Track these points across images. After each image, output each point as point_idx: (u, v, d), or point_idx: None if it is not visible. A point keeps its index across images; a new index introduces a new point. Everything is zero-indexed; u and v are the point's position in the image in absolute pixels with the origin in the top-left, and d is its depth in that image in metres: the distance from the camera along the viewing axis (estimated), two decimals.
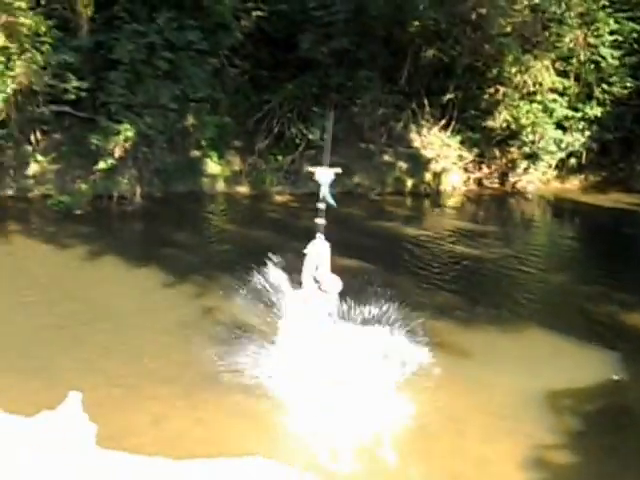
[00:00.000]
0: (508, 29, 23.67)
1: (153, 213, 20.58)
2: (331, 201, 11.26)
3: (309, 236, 18.34)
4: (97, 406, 8.43)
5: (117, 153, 20.13)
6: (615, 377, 11.39)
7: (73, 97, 20.51)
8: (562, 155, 24.06)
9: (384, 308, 12.70)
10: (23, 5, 19.43)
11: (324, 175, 11.20)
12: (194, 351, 11.65)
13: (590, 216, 22.30)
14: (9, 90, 19.50)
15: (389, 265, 16.48)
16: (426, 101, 24.12)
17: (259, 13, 22.37)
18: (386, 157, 23.68)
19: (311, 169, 11.60)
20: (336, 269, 14.19)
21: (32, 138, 21.60)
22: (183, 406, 10.28)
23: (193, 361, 11.40)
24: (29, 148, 21.52)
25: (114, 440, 8.24)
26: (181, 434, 9.60)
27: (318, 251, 11.40)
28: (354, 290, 13.93)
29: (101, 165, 20.04)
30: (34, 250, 17.19)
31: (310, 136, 22.60)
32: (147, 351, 11.88)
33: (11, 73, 19.51)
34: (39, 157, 21.44)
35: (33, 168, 21.44)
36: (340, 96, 23.24)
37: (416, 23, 23.46)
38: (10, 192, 21.14)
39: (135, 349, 11.98)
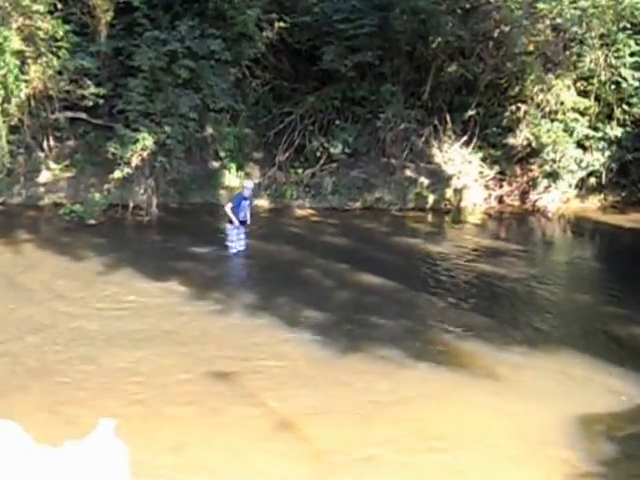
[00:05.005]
0: (530, 48, 21.87)
1: (170, 224, 18.78)
2: None
3: (330, 251, 17.01)
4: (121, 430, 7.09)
5: (134, 162, 18.09)
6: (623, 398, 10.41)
7: (90, 103, 18.60)
8: (582, 174, 22.00)
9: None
10: (41, 8, 17.65)
11: None
12: (214, 371, 10.69)
13: (610, 236, 20.52)
14: (23, 95, 17.61)
15: (412, 282, 15.05)
16: (448, 117, 22.14)
17: (282, 24, 20.16)
18: (408, 172, 21.58)
19: None
20: (356, 284, 14.68)
21: (45, 145, 19.74)
22: (204, 429, 9.14)
23: (213, 380, 10.42)
24: (41, 155, 19.74)
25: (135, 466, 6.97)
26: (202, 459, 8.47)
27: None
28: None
29: (117, 174, 18.04)
30: (44, 261, 15.62)
31: (331, 149, 20.74)
32: (164, 370, 10.73)
33: (25, 77, 17.62)
34: (51, 164, 19.65)
35: (45, 176, 19.67)
36: (363, 110, 21.48)
37: (439, 39, 21.52)
38: (20, 200, 19.45)
39: (152, 368, 10.80)
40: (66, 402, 9.47)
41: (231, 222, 16.01)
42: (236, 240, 16.01)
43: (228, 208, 16.10)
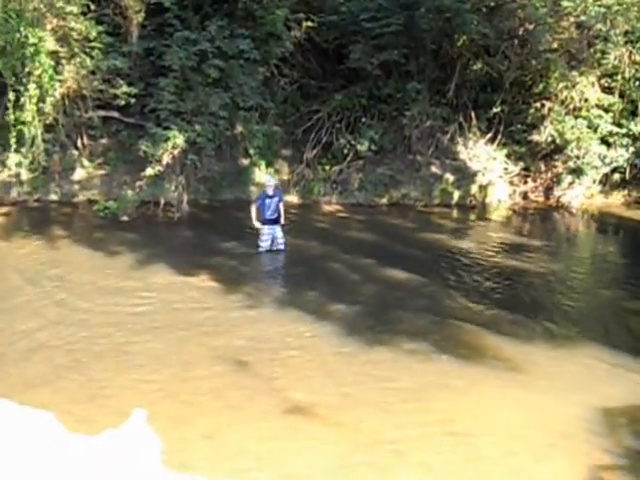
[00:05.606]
0: (555, 45, 21.75)
1: (200, 221, 18.73)
2: None
3: (357, 246, 16.97)
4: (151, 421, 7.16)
5: (165, 160, 18.00)
6: None
7: (122, 102, 18.65)
8: (606, 170, 21.73)
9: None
10: (75, 10, 17.70)
11: None
12: (241, 363, 10.66)
13: (634, 231, 20.26)
14: (57, 94, 17.68)
15: (437, 278, 14.91)
16: (473, 114, 21.96)
17: (310, 23, 20.05)
18: (433, 169, 21.44)
19: None
20: (382, 279, 14.62)
21: (79, 143, 19.77)
22: (232, 420, 9.16)
23: (240, 372, 10.43)
24: (75, 153, 19.78)
25: (166, 455, 6.99)
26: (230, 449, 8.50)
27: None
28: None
29: (149, 172, 17.94)
30: (78, 256, 15.61)
31: (358, 147, 20.63)
32: (193, 362, 10.75)
33: (60, 77, 17.67)
34: (85, 162, 19.70)
35: (79, 173, 19.73)
36: (389, 107, 21.35)
37: (464, 37, 21.48)
38: (55, 197, 19.53)
39: (181, 360, 10.82)
40: (96, 394, 9.54)
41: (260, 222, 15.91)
42: (265, 240, 15.86)
43: (252, 209, 15.98)
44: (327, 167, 21.08)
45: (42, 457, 6.24)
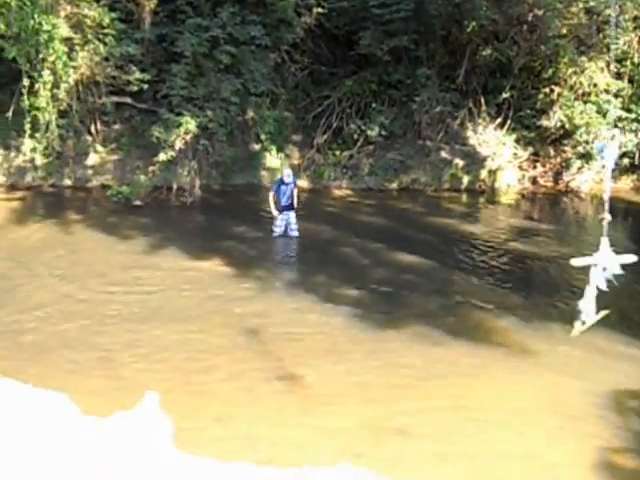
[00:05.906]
0: (564, 31, 21.50)
1: (212, 205, 18.76)
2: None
3: (367, 230, 16.92)
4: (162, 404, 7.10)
5: (177, 145, 17.95)
6: None
7: (135, 89, 18.61)
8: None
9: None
10: None
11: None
12: (253, 346, 10.68)
13: None
14: (71, 80, 17.56)
15: (447, 261, 14.88)
16: (482, 100, 21.88)
17: (320, 10, 19.94)
18: (443, 154, 21.40)
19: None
20: (392, 263, 14.52)
21: (92, 129, 19.84)
22: (245, 403, 9.11)
23: (252, 355, 10.39)
24: (89, 138, 19.88)
25: (177, 438, 6.87)
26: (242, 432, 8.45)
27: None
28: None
29: (161, 157, 17.88)
30: (92, 241, 15.60)
31: (368, 132, 20.59)
32: (206, 345, 10.71)
33: (74, 64, 17.54)
34: (99, 147, 19.78)
35: (93, 158, 19.81)
36: (399, 93, 21.30)
37: (474, 23, 21.25)
38: (69, 182, 19.64)
39: (194, 343, 10.77)
40: (111, 377, 9.52)
41: (278, 209, 15.97)
42: (279, 225, 15.91)
43: (270, 197, 16.10)
44: (337, 152, 21.08)
45: (56, 438, 6.22)
